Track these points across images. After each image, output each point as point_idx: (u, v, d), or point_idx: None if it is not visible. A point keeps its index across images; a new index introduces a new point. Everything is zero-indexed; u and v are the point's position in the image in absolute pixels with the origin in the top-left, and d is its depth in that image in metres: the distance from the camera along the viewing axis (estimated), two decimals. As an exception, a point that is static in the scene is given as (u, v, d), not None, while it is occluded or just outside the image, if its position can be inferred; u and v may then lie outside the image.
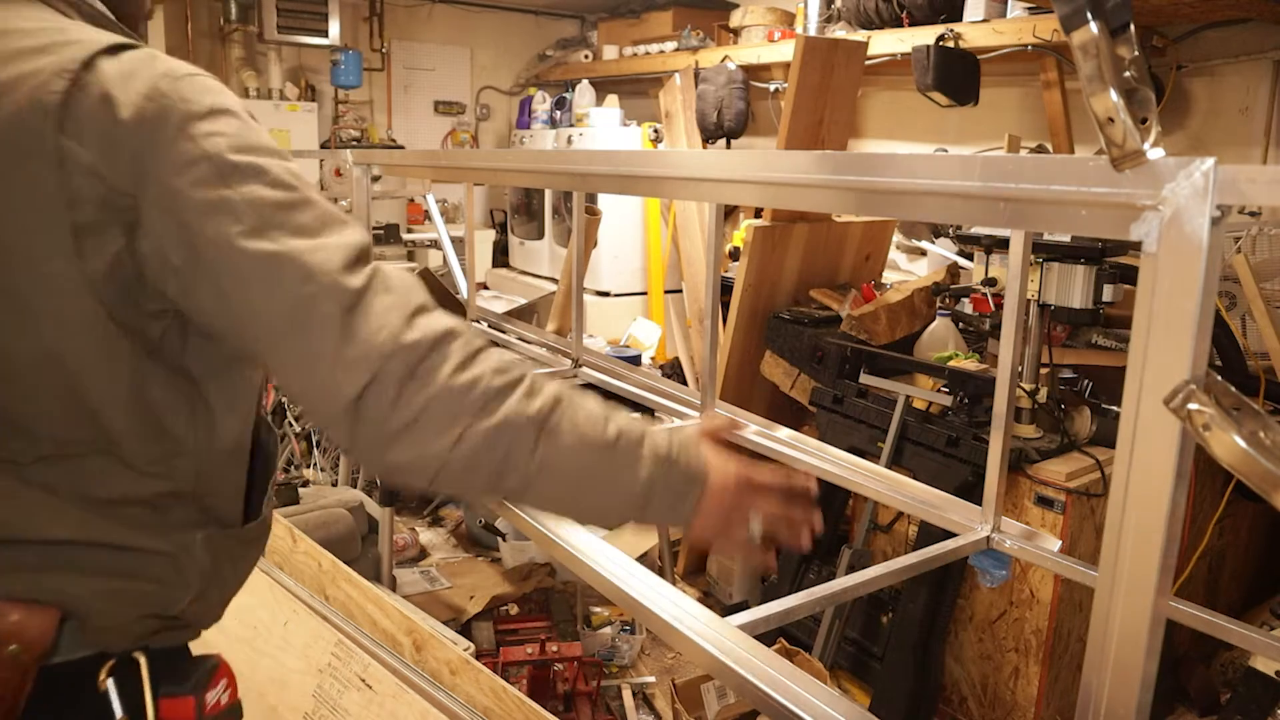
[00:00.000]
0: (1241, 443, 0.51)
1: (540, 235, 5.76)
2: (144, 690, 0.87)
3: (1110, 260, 2.16)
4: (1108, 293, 2.15)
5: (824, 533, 2.87)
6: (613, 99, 5.56)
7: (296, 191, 0.81)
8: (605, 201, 4.94)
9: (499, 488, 0.80)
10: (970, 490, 2.16)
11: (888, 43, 3.71)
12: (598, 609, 3.03)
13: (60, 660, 0.84)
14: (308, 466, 3.85)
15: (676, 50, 5.16)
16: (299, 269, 0.77)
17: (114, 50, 0.79)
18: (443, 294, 3.36)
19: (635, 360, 3.37)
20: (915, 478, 1.48)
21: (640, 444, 0.84)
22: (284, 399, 4.06)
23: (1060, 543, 1.29)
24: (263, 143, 0.82)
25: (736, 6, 5.11)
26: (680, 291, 4.98)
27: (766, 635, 1.04)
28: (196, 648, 0.98)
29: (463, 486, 0.80)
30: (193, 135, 0.77)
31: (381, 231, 5.56)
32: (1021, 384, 2.30)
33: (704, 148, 4.75)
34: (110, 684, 0.86)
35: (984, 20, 3.39)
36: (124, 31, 0.88)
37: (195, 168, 0.77)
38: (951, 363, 2.60)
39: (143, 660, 0.88)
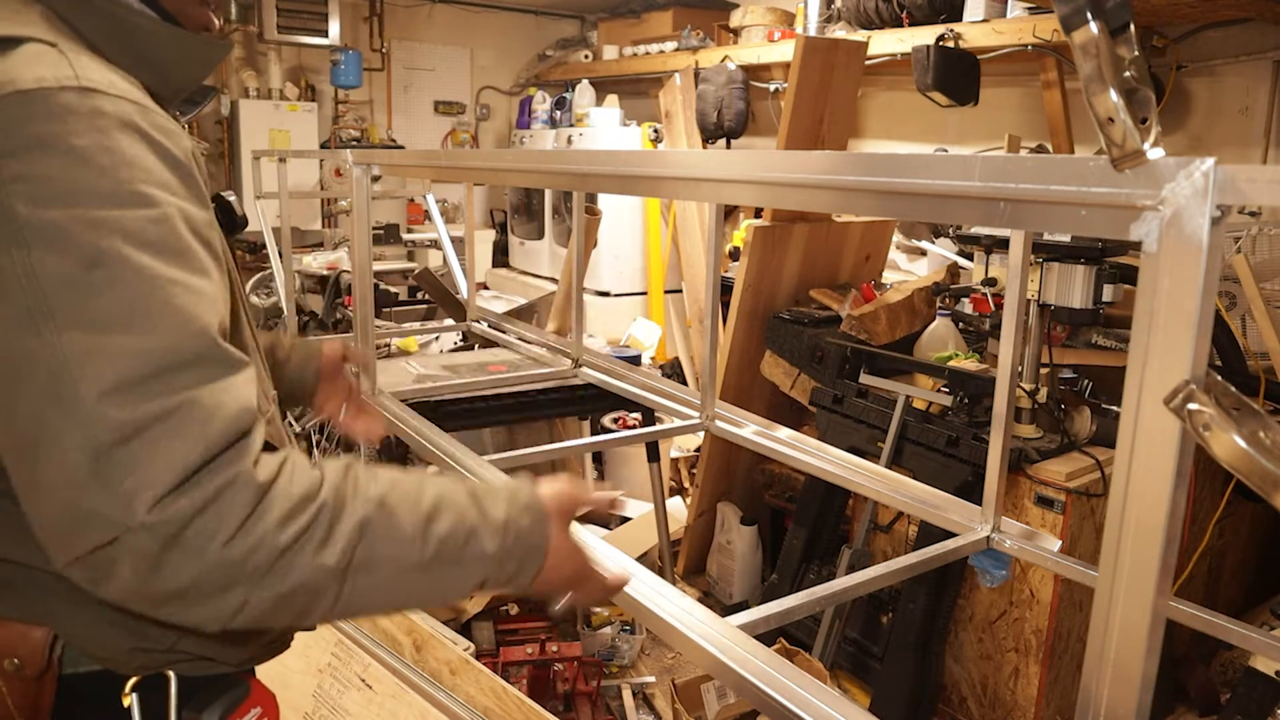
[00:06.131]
0: (1241, 443, 0.51)
1: (540, 235, 5.76)
2: (169, 710, 0.85)
3: (1110, 260, 2.16)
4: (1108, 293, 2.15)
5: (824, 533, 2.87)
6: (613, 99, 5.57)
7: (103, 268, 0.65)
8: (605, 201, 4.94)
9: (303, 622, 0.75)
10: (970, 490, 2.16)
11: (888, 43, 3.71)
12: (598, 609, 3.03)
13: (84, 671, 0.83)
14: (308, 466, 3.85)
15: (676, 50, 5.16)
16: (50, 379, 0.63)
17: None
18: (443, 294, 3.36)
19: (635, 360, 3.36)
20: (915, 478, 1.48)
21: (465, 547, 0.78)
22: (284, 399, 4.06)
23: (1060, 543, 1.29)
24: (99, 189, 0.66)
25: (736, 6, 5.11)
26: (680, 291, 4.99)
27: (766, 635, 1.04)
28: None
29: (259, 627, 0.73)
30: None
31: (381, 231, 5.56)
32: (1021, 384, 2.30)
33: (704, 148, 4.76)
34: (134, 700, 0.83)
35: (984, 20, 3.39)
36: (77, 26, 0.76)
37: None
38: (951, 363, 2.60)
39: (172, 679, 0.85)
